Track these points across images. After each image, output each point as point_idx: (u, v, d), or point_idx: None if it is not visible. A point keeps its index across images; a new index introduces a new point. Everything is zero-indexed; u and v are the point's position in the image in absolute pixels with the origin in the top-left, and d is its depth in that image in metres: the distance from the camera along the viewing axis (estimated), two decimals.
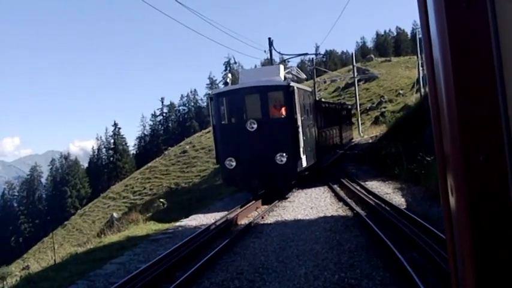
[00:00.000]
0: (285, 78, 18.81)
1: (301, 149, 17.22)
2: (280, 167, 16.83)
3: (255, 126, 16.93)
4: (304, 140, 17.74)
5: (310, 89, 22.75)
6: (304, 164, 17.92)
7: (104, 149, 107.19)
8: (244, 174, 17.24)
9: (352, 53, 71.63)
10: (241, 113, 17.64)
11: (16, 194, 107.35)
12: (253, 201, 17.16)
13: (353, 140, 43.88)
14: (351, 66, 66.98)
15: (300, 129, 17.34)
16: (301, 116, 17.78)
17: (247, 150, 17.11)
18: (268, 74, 18.77)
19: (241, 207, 16.35)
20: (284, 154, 16.80)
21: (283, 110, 17.53)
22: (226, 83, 18.15)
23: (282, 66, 19.52)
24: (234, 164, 17.34)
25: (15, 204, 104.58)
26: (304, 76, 24.29)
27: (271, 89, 17.66)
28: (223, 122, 18.06)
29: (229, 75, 18.23)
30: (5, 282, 33.20)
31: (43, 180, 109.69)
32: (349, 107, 47.77)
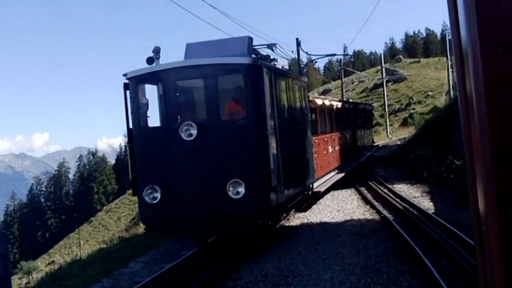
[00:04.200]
0: (260, 57, 12.15)
1: (273, 173, 10.57)
2: (235, 204, 9.87)
3: (195, 133, 9.92)
4: (280, 156, 11.15)
5: (303, 79, 15.62)
6: (283, 195, 11.38)
7: None
8: (175, 215, 10.29)
9: (380, 54, 71.34)
10: (172, 111, 10.70)
11: (44, 189, 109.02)
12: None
13: (375, 144, 39.33)
14: (379, 67, 66.67)
15: (273, 140, 10.83)
16: (277, 117, 11.22)
17: (180, 173, 10.27)
18: (228, 49, 11.51)
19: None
20: (241, 182, 9.81)
21: (242, 107, 10.76)
22: (150, 60, 10.72)
23: (251, 39, 12.09)
24: (158, 196, 10.19)
25: (43, 200, 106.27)
26: (286, 63, 15.14)
27: (223, 70, 10.59)
28: (143, 125, 11.01)
29: (158, 47, 10.86)
30: (30, 277, 33.90)
31: (70, 176, 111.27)
32: (370, 107, 39.27)
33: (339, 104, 23.57)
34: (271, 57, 13.14)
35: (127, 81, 10.88)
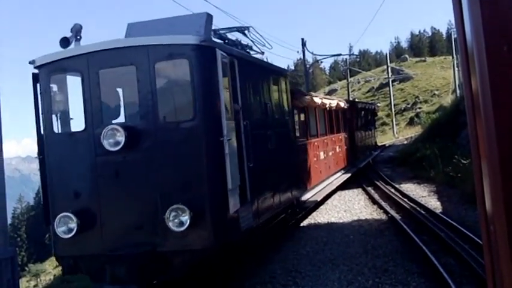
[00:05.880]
0: (228, 43, 10.22)
1: (233, 193, 7.77)
2: (177, 239, 7.38)
3: (122, 140, 7.33)
4: (247, 169, 8.59)
5: (284, 71, 13.23)
6: (251, 220, 8.76)
7: None
8: (95, 254, 7.72)
9: (386, 53, 71.23)
10: (94, 111, 7.89)
11: None
12: None
13: (381, 144, 38.24)
14: (385, 67, 66.53)
15: (235, 148, 8.11)
16: (242, 118, 8.65)
17: (104, 196, 7.76)
18: (179, 29, 8.56)
19: None
20: (185, 209, 7.15)
21: (189, 105, 7.79)
22: (65, 42, 8.19)
23: (210, 17, 9.20)
24: (73, 227, 7.53)
25: None
26: (261, 53, 11.89)
27: (161, 53, 7.78)
28: (56, 131, 8.26)
29: (79, 25, 8.41)
30: (38, 280, 33.98)
31: None
32: (372, 106, 35.48)
33: (333, 102, 19.87)
34: (246, 44, 11.02)
35: (36, 70, 8.23)
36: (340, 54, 47.38)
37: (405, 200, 16.03)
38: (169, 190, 7.46)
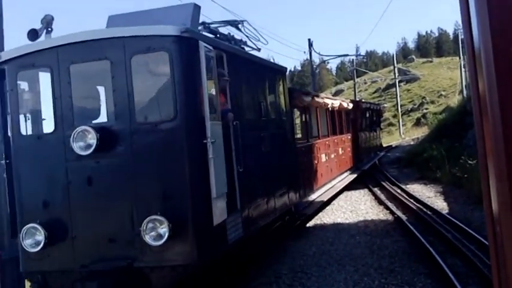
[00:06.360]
0: (219, 37, 9.53)
1: (219, 201, 6.96)
2: (154, 254, 6.64)
3: (94, 143, 6.57)
4: (237, 174, 7.86)
5: (281, 68, 12.08)
6: (240, 231, 7.91)
7: None
8: (64, 270, 7.01)
9: (393, 54, 71.21)
10: (64, 110, 7.10)
11: None
12: None
13: (386, 145, 38.21)
14: (392, 67, 66.43)
15: (221, 152, 7.21)
16: (231, 118, 7.88)
17: (74, 206, 6.98)
18: (163, 22, 7.63)
19: None
20: (163, 220, 6.40)
21: (169, 103, 6.91)
22: (33, 34, 7.45)
23: (198, 8, 8.33)
24: (41, 240, 6.81)
25: None
26: (257, 50, 11.03)
27: (138, 45, 6.92)
28: (24, 133, 7.50)
29: (50, 16, 7.66)
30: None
31: None
32: (377, 107, 33.58)
33: (336, 102, 18.72)
34: (240, 39, 10.28)
35: (2, 66, 7.48)
36: (347, 55, 47.75)
37: (411, 200, 16.01)
38: (146, 199, 6.73)
